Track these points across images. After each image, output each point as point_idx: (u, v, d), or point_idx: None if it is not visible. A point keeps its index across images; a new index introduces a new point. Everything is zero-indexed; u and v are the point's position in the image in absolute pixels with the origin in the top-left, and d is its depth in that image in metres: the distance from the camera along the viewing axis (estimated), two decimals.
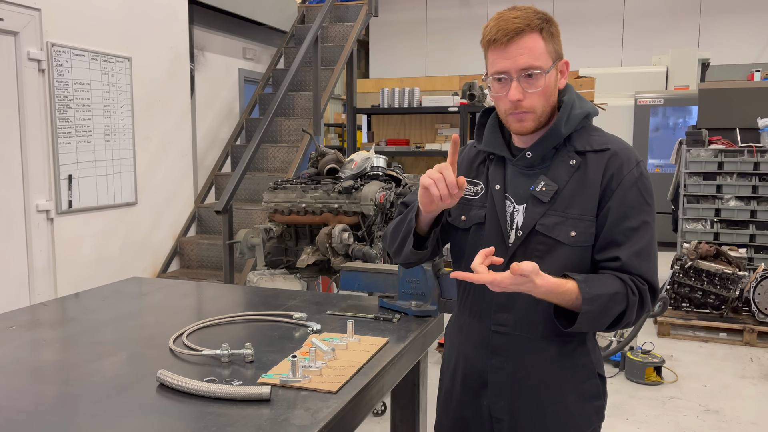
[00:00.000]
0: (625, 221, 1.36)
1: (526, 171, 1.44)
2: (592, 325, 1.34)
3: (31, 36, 3.81)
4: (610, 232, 1.36)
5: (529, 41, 1.32)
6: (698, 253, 4.92)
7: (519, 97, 1.34)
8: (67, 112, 4.04)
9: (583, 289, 1.30)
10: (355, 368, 1.40)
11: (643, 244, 1.36)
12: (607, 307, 1.31)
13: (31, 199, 3.86)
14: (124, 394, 1.32)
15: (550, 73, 1.35)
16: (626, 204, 1.36)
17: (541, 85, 1.35)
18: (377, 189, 3.30)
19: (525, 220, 1.41)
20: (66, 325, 1.85)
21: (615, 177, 1.37)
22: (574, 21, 10.33)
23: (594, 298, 1.30)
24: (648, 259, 1.36)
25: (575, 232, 1.37)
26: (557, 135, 1.40)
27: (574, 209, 1.38)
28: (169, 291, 2.25)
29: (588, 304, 1.29)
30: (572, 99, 1.42)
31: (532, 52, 1.32)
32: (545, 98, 1.37)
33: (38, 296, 3.88)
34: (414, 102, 6.32)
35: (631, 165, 1.38)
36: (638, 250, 1.35)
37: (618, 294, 1.32)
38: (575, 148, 1.41)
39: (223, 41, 6.29)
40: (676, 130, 8.32)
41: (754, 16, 9.55)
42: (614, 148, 1.40)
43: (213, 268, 5.08)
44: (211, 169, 5.96)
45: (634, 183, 1.37)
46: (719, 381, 3.99)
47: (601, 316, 1.32)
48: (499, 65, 1.34)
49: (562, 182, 1.39)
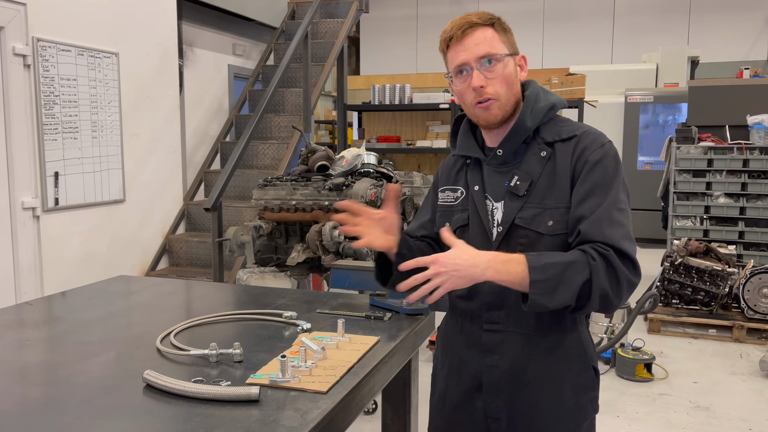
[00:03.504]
0: (589, 198, 1.36)
1: (500, 168, 1.47)
2: (552, 297, 1.27)
3: (16, 31, 3.75)
4: (575, 210, 1.37)
5: (483, 33, 1.41)
6: (688, 250, 4.94)
7: (482, 83, 1.39)
8: (53, 108, 3.99)
9: (530, 259, 1.29)
10: (346, 368, 1.38)
11: (602, 211, 1.34)
12: (566, 277, 1.27)
13: (17, 197, 3.81)
14: (110, 395, 1.29)
15: (508, 62, 1.41)
16: (590, 182, 1.37)
17: (501, 71, 1.40)
18: (368, 186, 3.29)
19: (504, 216, 1.43)
20: (51, 325, 1.82)
21: (580, 160, 1.39)
22: (564, 18, 10.36)
23: (544, 267, 1.27)
24: (610, 225, 1.32)
25: (552, 222, 1.38)
26: (524, 128, 1.43)
27: (549, 199, 1.39)
28: (157, 289, 2.23)
29: (536, 273, 1.27)
30: (535, 92, 1.46)
31: (487, 42, 1.40)
32: (507, 86, 1.41)
33: (24, 295, 3.83)
34: (405, 99, 6.30)
35: (595, 146, 1.39)
36: (597, 217, 1.33)
37: (576, 263, 1.28)
38: (544, 140, 1.43)
39: (212, 37, 6.25)
40: (666, 127, 8.36)
41: (743, 14, 9.61)
42: (579, 134, 1.42)
43: (202, 266, 5.05)
44: (201, 166, 5.92)
45: (598, 161, 1.38)
46: (709, 377, 4.00)
47: (561, 288, 1.27)
48: (459, 58, 1.41)
49: (535, 174, 1.41)
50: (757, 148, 5.79)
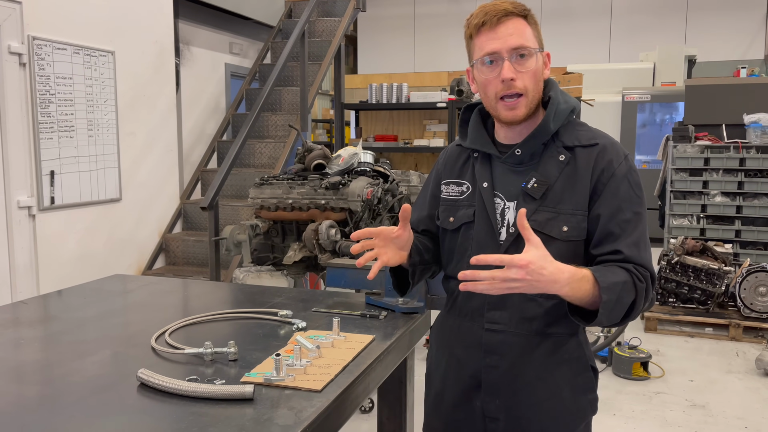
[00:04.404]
0: (619, 214, 1.36)
1: (516, 168, 1.43)
2: (611, 316, 1.28)
3: (11, 29, 3.74)
4: (606, 225, 1.36)
5: (517, 23, 1.36)
6: (684, 248, 4.94)
7: (512, 76, 1.34)
8: (49, 106, 3.98)
9: (599, 278, 1.27)
10: (341, 366, 1.38)
11: (638, 234, 1.36)
12: (621, 296, 1.29)
13: (13, 196, 3.80)
14: (105, 393, 1.29)
15: (538, 57, 1.37)
16: (619, 197, 1.36)
17: (532, 66, 1.36)
18: (365, 185, 3.28)
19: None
20: (47, 324, 1.81)
21: (606, 171, 1.37)
22: (562, 17, 10.36)
23: (610, 286, 1.27)
24: (645, 248, 1.37)
25: (567, 227, 1.37)
26: (546, 131, 1.40)
27: (565, 204, 1.37)
28: (152, 288, 2.22)
29: (607, 293, 1.26)
30: (558, 94, 1.43)
31: (520, 33, 1.35)
32: (535, 81, 1.38)
33: (20, 294, 3.82)
34: (402, 98, 6.29)
35: (620, 159, 1.39)
36: (635, 240, 1.35)
37: (627, 282, 1.30)
38: (563, 144, 1.41)
39: (209, 36, 6.24)
40: (663, 126, 8.36)
41: (740, 13, 9.63)
42: (602, 143, 1.41)
43: (199, 264, 5.04)
44: (197, 164, 5.91)
45: (625, 176, 1.38)
46: (705, 376, 4.01)
47: (617, 306, 1.29)
48: (490, 46, 1.35)
49: (552, 178, 1.39)
50: (754, 146, 5.80)
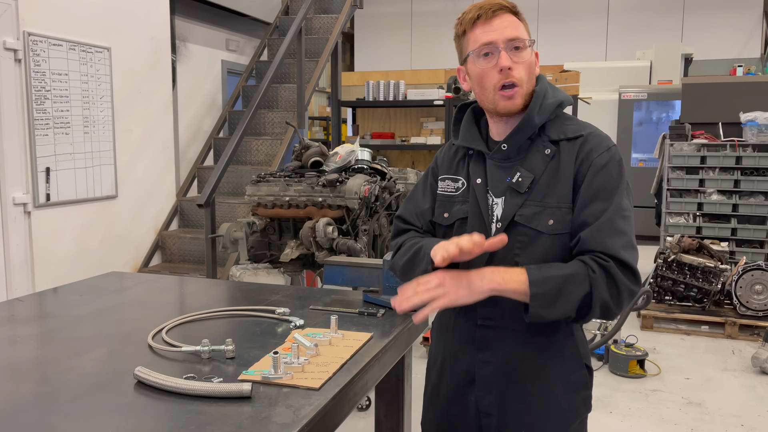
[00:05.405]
0: (592, 204, 1.35)
1: (503, 163, 1.44)
2: (552, 310, 1.29)
3: (7, 25, 3.72)
4: (578, 215, 1.36)
5: (510, 18, 1.40)
6: (681, 246, 4.95)
7: (509, 64, 1.36)
8: (45, 103, 3.96)
9: (530, 272, 1.29)
10: (339, 364, 1.38)
11: (605, 219, 1.33)
12: (566, 290, 1.28)
13: (8, 192, 3.78)
14: (101, 391, 1.28)
15: (531, 50, 1.41)
16: (594, 186, 1.36)
17: (527, 57, 1.39)
18: (362, 182, 3.28)
19: (504, 212, 1.41)
20: (43, 321, 1.80)
21: (585, 162, 1.38)
22: (558, 15, 10.36)
23: (544, 280, 1.28)
24: (611, 234, 1.32)
25: (553, 221, 1.37)
26: (530, 125, 1.41)
27: (551, 198, 1.38)
28: (149, 286, 2.21)
29: (536, 287, 1.28)
30: (544, 88, 1.43)
31: (514, 26, 1.40)
32: (529, 74, 1.41)
33: (15, 291, 3.80)
34: (399, 95, 6.28)
35: (601, 149, 1.39)
36: (599, 226, 1.33)
37: (575, 275, 1.29)
38: (549, 138, 1.42)
39: (205, 32, 6.21)
40: (660, 124, 8.37)
41: (736, 11, 9.64)
42: (585, 135, 1.41)
43: (195, 262, 5.03)
44: (194, 162, 5.89)
45: (604, 166, 1.37)
46: (701, 373, 4.02)
47: (561, 300, 1.28)
48: (486, 37, 1.38)
49: (538, 172, 1.40)
50: (750, 145, 5.81)
